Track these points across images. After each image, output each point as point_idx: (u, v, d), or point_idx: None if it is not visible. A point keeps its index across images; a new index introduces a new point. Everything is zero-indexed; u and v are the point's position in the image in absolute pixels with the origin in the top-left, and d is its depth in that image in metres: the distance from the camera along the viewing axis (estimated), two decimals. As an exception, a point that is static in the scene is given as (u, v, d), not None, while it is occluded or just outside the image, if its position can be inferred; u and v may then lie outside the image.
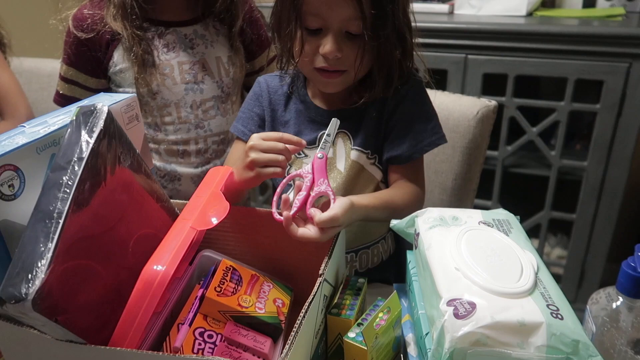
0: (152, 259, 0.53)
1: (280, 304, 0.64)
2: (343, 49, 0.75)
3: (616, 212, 1.54)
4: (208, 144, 1.11)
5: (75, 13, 1.02)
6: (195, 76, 1.06)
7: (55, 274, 0.45)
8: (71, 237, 0.47)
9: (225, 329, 0.60)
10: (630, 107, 1.42)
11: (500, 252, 0.54)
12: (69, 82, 1.06)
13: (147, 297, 0.51)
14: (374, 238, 0.90)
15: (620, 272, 0.55)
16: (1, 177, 0.48)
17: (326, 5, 0.73)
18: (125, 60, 1.02)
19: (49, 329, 0.47)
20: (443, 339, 0.46)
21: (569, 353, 0.44)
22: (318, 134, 0.85)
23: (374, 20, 0.73)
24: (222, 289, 0.62)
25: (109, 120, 0.53)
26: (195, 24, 1.06)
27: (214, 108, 1.09)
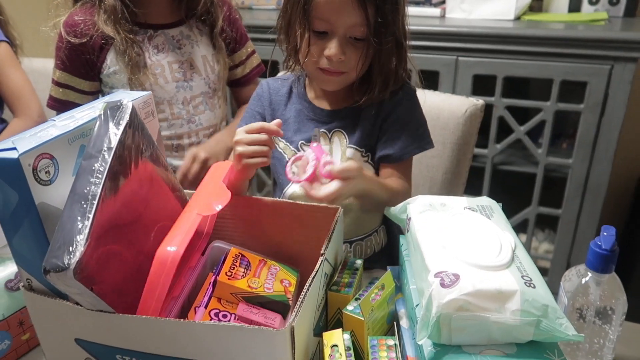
0: (165, 241, 0.58)
1: (287, 284, 0.70)
2: (346, 53, 0.82)
3: (599, 207, 1.61)
4: (199, 138, 1.19)
5: (67, 19, 1.07)
6: (184, 74, 1.13)
7: (91, 248, 0.51)
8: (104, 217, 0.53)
9: (238, 309, 0.66)
10: (612, 107, 1.50)
11: (482, 233, 0.61)
12: (63, 86, 1.11)
13: (163, 274, 0.56)
14: (367, 231, 0.96)
15: (589, 251, 0.61)
16: (39, 164, 0.54)
17: (334, 11, 0.79)
18: (118, 63, 1.08)
19: (83, 298, 0.53)
20: (431, 305, 0.52)
21: (540, 316, 0.51)
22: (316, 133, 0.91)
23: (377, 28, 0.80)
24: (232, 273, 0.68)
25: (134, 115, 0.59)
26: (180, 26, 1.14)
27: (202, 103, 1.17)
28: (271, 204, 0.79)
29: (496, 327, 0.52)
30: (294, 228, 0.77)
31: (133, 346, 0.57)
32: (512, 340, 0.53)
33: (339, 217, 0.72)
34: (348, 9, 0.78)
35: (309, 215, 0.76)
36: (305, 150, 0.91)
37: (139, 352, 0.57)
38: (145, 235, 0.63)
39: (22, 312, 0.71)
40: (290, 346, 0.52)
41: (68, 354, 0.62)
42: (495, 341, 0.53)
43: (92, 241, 0.51)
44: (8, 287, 0.70)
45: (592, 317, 0.63)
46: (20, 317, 0.71)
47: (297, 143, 0.94)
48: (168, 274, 0.56)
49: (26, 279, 0.59)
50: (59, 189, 0.57)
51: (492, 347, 0.53)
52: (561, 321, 0.51)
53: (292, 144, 0.94)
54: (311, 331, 0.60)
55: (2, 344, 0.69)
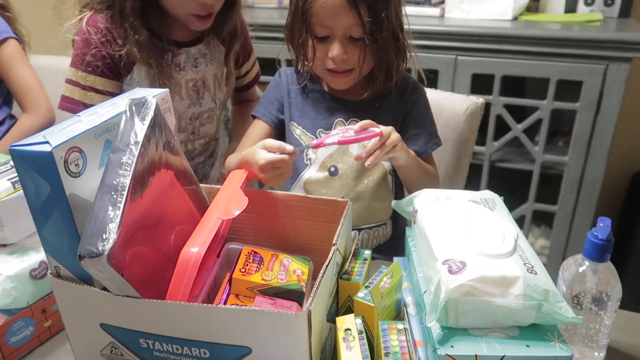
0: (188, 243, 0.62)
1: (300, 273, 0.73)
2: (348, 52, 0.88)
3: (594, 203, 1.65)
4: (195, 146, 1.21)
5: (90, 23, 1.03)
6: (197, 92, 1.14)
7: (122, 237, 0.54)
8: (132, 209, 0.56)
9: (255, 302, 0.69)
10: (607, 106, 1.54)
11: (485, 224, 0.64)
12: (87, 88, 1.07)
13: (187, 273, 0.60)
14: (377, 221, 1.00)
15: (586, 241, 0.65)
16: (70, 157, 0.57)
17: (331, 16, 0.85)
18: (144, 80, 1.08)
19: (113, 283, 0.56)
20: (439, 290, 0.56)
21: (541, 300, 0.54)
22: (334, 120, 0.97)
23: (371, 25, 0.85)
24: (246, 269, 0.72)
25: (157, 111, 0.63)
26: (199, 44, 1.14)
27: (207, 118, 1.19)
28: (283, 198, 0.82)
29: (500, 310, 0.55)
30: (305, 221, 0.81)
31: (157, 330, 0.61)
32: (515, 324, 0.56)
33: (348, 209, 0.75)
34: (342, 12, 0.84)
35: (319, 208, 0.79)
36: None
37: (162, 336, 0.61)
38: (165, 232, 0.66)
39: (45, 300, 0.74)
40: (307, 329, 0.56)
41: (93, 339, 0.65)
42: (499, 324, 0.56)
43: (122, 229, 0.54)
44: (32, 275, 0.73)
45: (589, 304, 0.66)
46: (44, 304, 0.74)
47: (315, 131, 0.99)
48: (191, 273, 0.60)
49: (54, 266, 0.62)
50: (87, 181, 0.60)
51: (496, 330, 0.56)
52: (561, 305, 0.54)
53: (309, 131, 0.99)
54: (324, 316, 0.64)
55: (27, 330, 0.72)
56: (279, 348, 0.58)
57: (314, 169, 0.99)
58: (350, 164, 0.97)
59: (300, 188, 1.01)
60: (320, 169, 0.98)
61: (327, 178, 0.98)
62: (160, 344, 0.62)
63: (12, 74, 1.36)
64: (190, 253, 0.60)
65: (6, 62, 1.36)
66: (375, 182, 0.98)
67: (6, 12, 1.42)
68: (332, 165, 0.98)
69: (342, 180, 0.98)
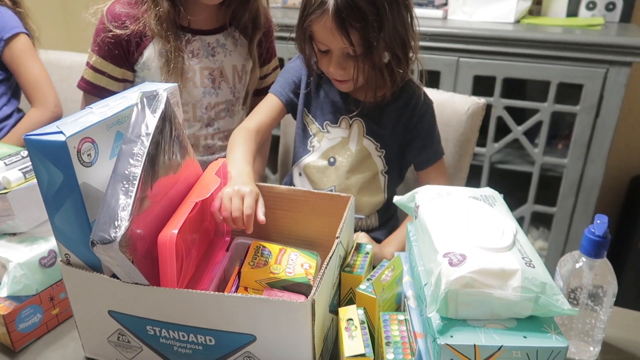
0: (164, 229, 0.62)
1: (308, 267, 0.75)
2: (346, 67, 0.93)
3: (593, 206, 1.67)
4: (214, 141, 1.22)
5: (110, 9, 1.09)
6: (213, 81, 1.16)
7: (133, 224, 0.56)
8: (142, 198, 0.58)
9: (263, 294, 0.71)
10: (606, 109, 1.55)
11: (485, 218, 0.66)
12: (97, 71, 1.13)
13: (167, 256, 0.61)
14: (361, 214, 1.06)
15: (583, 237, 0.67)
16: (83, 147, 0.59)
17: (326, 38, 0.90)
18: (155, 59, 1.11)
19: (123, 270, 0.58)
20: (440, 282, 0.57)
21: (538, 292, 0.56)
22: (340, 117, 1.02)
23: (363, 49, 0.89)
24: (255, 263, 0.74)
25: (167, 104, 0.64)
26: (218, 34, 1.16)
27: (224, 110, 1.21)
28: (287, 193, 0.84)
29: (499, 302, 0.57)
30: (308, 215, 0.83)
31: (164, 317, 0.62)
32: (513, 315, 0.58)
33: (351, 205, 0.77)
34: (335, 35, 0.88)
35: (322, 203, 0.81)
36: (330, 131, 1.00)
37: (169, 323, 0.62)
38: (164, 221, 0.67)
39: (53, 288, 0.76)
40: (310, 318, 0.58)
41: (101, 326, 0.67)
42: (497, 316, 0.58)
43: (133, 218, 0.55)
44: (42, 263, 0.75)
45: (585, 299, 0.68)
46: (52, 292, 0.76)
47: (322, 122, 1.04)
48: (171, 254, 0.61)
49: (65, 254, 0.64)
50: (98, 171, 0.62)
51: (494, 321, 0.58)
52: (557, 297, 0.56)
53: (317, 121, 1.04)
54: (327, 307, 0.66)
55: (35, 317, 0.74)
56: (282, 336, 0.60)
57: (315, 156, 1.04)
58: (347, 158, 1.02)
59: (300, 168, 1.07)
60: (321, 157, 1.04)
61: (325, 167, 1.03)
62: (167, 331, 0.63)
63: (22, 68, 1.38)
64: (164, 235, 0.61)
65: (17, 56, 1.38)
66: (366, 178, 1.03)
67: (18, 8, 1.44)
68: (332, 156, 1.03)
69: (337, 171, 1.03)
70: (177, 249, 0.61)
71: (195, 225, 0.71)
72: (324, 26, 0.88)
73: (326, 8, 0.87)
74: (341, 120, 1.02)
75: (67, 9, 1.40)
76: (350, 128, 1.02)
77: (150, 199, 0.61)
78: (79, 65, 1.58)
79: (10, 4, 1.40)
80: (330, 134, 1.03)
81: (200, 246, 0.75)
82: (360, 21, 0.86)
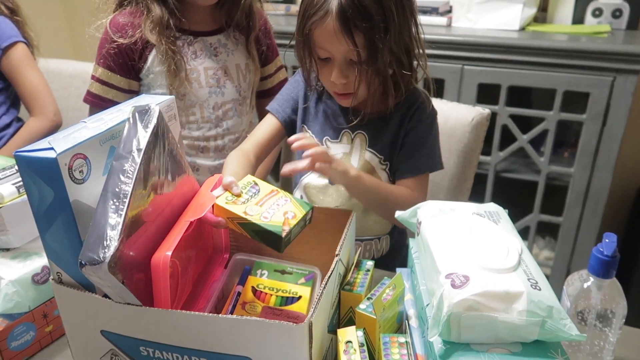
0: (158, 250, 0.60)
1: (291, 216, 0.66)
2: (348, 75, 0.88)
3: (600, 215, 1.64)
4: (225, 142, 1.23)
5: (112, 21, 1.11)
6: (218, 80, 1.17)
7: (123, 244, 0.54)
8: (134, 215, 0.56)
9: (261, 314, 0.69)
10: (613, 118, 1.53)
11: (490, 237, 0.64)
12: (104, 83, 1.14)
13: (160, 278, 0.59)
14: (370, 234, 1.00)
15: (591, 257, 0.65)
16: (75, 164, 0.57)
17: (329, 42, 0.86)
18: (158, 65, 1.12)
19: (114, 290, 0.56)
20: (442, 304, 0.55)
21: (545, 316, 0.54)
22: (341, 131, 0.98)
23: (367, 53, 0.85)
24: (234, 199, 0.67)
25: (160, 119, 0.63)
26: (219, 34, 1.18)
27: (232, 110, 1.21)
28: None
29: (503, 326, 0.55)
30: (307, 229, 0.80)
31: (157, 339, 0.60)
32: (518, 339, 0.56)
33: (352, 221, 0.75)
34: (338, 38, 0.84)
35: (323, 218, 0.79)
36: (330, 147, 0.96)
37: (163, 345, 0.60)
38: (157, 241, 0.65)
39: (46, 305, 0.74)
40: (308, 340, 0.56)
41: (93, 345, 0.65)
42: (502, 340, 0.56)
43: (124, 237, 0.54)
44: (35, 280, 0.73)
45: (593, 320, 0.66)
46: (45, 309, 0.74)
47: (322, 137, 0.99)
48: (164, 276, 0.59)
49: (56, 272, 0.62)
50: (91, 188, 0.60)
51: (499, 346, 0.56)
52: (565, 322, 0.54)
53: (317, 137, 1.00)
54: (326, 327, 0.64)
55: (27, 335, 0.72)
56: (279, 359, 0.58)
57: (315, 175, 0.99)
58: None
59: (301, 190, 1.03)
60: (321, 175, 0.98)
61: (326, 185, 0.99)
62: (161, 352, 0.61)
63: (21, 77, 1.37)
64: (157, 257, 0.59)
65: (15, 65, 1.37)
66: None
67: (15, 16, 1.43)
68: None
69: (339, 189, 0.98)
70: (171, 270, 0.59)
71: (191, 244, 0.69)
72: (326, 29, 0.84)
73: (329, 9, 0.83)
74: (342, 135, 0.98)
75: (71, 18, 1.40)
76: (352, 142, 0.98)
77: (144, 218, 0.59)
78: (80, 74, 1.58)
79: (7, 12, 1.40)
80: (331, 149, 0.98)
81: (197, 264, 0.73)
82: (365, 21, 0.82)
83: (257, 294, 0.74)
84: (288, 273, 0.80)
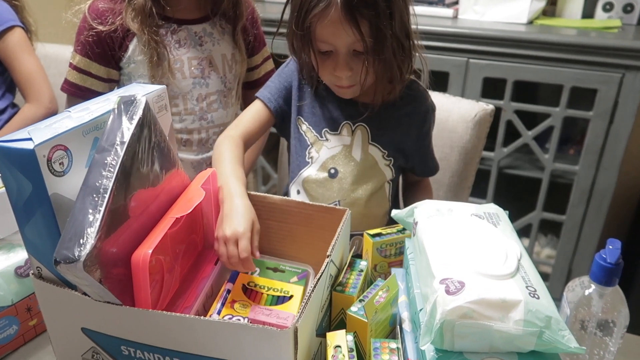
0: (139, 247, 0.59)
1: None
2: (353, 67, 0.85)
3: (604, 215, 1.61)
4: (209, 135, 1.18)
5: (91, 6, 1.06)
6: (202, 71, 1.13)
7: (101, 241, 0.51)
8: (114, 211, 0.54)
9: (250, 313, 0.66)
10: (621, 116, 1.49)
11: (488, 241, 0.61)
12: (82, 72, 1.10)
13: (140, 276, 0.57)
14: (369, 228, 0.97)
15: (593, 263, 0.62)
16: (54, 156, 0.55)
17: (332, 35, 0.82)
18: (139, 54, 1.08)
19: (92, 289, 0.54)
20: (435, 311, 0.53)
21: (542, 327, 0.51)
22: (341, 123, 0.94)
23: (373, 41, 0.81)
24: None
25: (147, 110, 0.60)
26: (204, 23, 1.13)
27: (217, 101, 1.17)
28: (280, 203, 0.79)
29: (499, 335, 0.52)
30: (301, 227, 0.78)
31: (137, 338, 0.58)
32: (514, 349, 0.53)
33: (347, 218, 0.73)
34: (342, 29, 0.80)
35: (317, 215, 0.76)
36: (330, 139, 0.92)
37: (143, 345, 0.58)
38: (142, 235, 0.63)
39: (30, 299, 0.72)
40: (293, 346, 0.53)
41: (74, 342, 0.63)
42: (497, 349, 0.53)
43: (102, 234, 0.51)
44: (18, 273, 0.71)
45: (594, 329, 0.63)
46: (29, 303, 0.72)
47: (320, 130, 0.95)
48: (144, 275, 0.57)
49: (36, 267, 0.60)
50: (72, 181, 0.57)
51: (494, 355, 0.53)
52: (563, 333, 0.51)
53: (314, 129, 0.96)
54: (314, 331, 0.61)
55: (10, 329, 0.71)
56: (264, 363, 0.55)
57: (314, 168, 0.96)
58: (351, 168, 0.94)
59: (299, 184, 0.98)
60: (320, 169, 0.95)
61: (326, 179, 0.95)
62: (142, 352, 0.59)
63: (17, 63, 1.35)
64: (137, 255, 0.57)
65: (11, 50, 1.35)
66: (373, 189, 0.95)
67: (14, 1, 1.40)
68: (332, 167, 0.95)
69: (340, 183, 0.95)
70: (154, 268, 0.56)
71: (179, 240, 0.66)
72: (331, 21, 0.80)
73: (332, 0, 0.79)
74: (342, 127, 0.95)
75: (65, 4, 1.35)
76: (353, 135, 0.94)
77: (129, 212, 0.57)
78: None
79: (6, -4, 1.37)
80: (330, 142, 0.95)
81: (186, 260, 0.71)
82: (371, 9, 0.79)
83: (247, 292, 0.71)
84: (280, 271, 0.78)
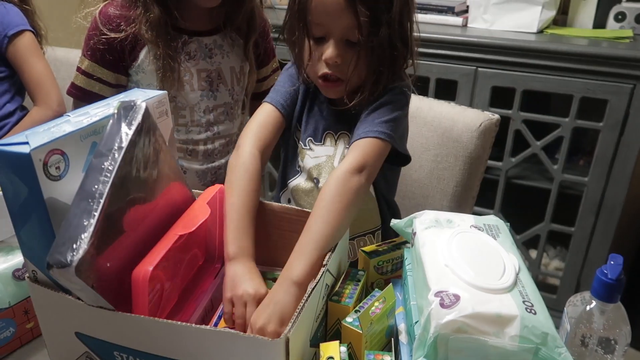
0: (141, 262, 0.58)
1: None
2: (343, 56, 0.82)
3: (613, 227, 1.59)
4: (215, 146, 1.18)
5: (102, 11, 1.05)
6: (211, 84, 1.12)
7: (94, 247, 0.51)
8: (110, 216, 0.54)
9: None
10: (632, 127, 1.47)
11: (486, 253, 0.60)
12: (90, 76, 1.09)
13: (139, 292, 0.57)
14: (360, 231, 0.94)
15: (595, 279, 0.61)
16: (50, 160, 0.55)
17: (328, 15, 0.80)
18: (150, 64, 1.07)
19: (85, 294, 0.54)
20: (429, 325, 0.52)
21: (539, 343, 0.50)
22: (325, 132, 0.92)
23: (369, 28, 0.79)
24: None
25: (146, 115, 0.60)
26: (215, 35, 1.12)
27: (224, 113, 1.16)
28: (278, 210, 0.79)
29: (494, 351, 0.51)
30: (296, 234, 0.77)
31: (131, 344, 0.58)
32: (509, 365, 0.52)
33: (345, 226, 0.72)
34: (339, 11, 0.79)
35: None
36: (313, 149, 0.91)
37: (136, 351, 0.58)
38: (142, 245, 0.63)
39: (27, 301, 0.73)
40: (284, 356, 0.53)
41: (68, 347, 0.63)
42: (492, 365, 0.52)
43: (95, 239, 0.51)
44: (16, 275, 0.71)
45: (595, 346, 0.62)
46: (26, 305, 0.72)
47: (305, 139, 0.94)
48: (143, 291, 0.57)
49: (32, 270, 0.60)
50: (69, 185, 0.57)
51: (488, 371, 0.52)
52: (560, 350, 0.50)
53: (303, 136, 0.94)
54: (308, 341, 0.61)
55: (7, 331, 0.71)
56: (255, 373, 0.55)
57: (303, 178, 0.94)
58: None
59: (288, 193, 0.97)
60: (307, 179, 0.94)
61: (312, 188, 0.93)
62: (135, 358, 0.59)
63: (26, 66, 1.36)
64: (138, 271, 0.57)
65: (21, 54, 1.36)
66: None
67: (25, 5, 1.42)
68: (315, 176, 0.92)
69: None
70: (154, 283, 0.56)
71: (180, 256, 0.66)
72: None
73: None
74: (325, 137, 0.92)
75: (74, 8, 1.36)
76: (336, 144, 0.92)
77: (125, 227, 0.57)
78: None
79: (17, 0, 1.38)
80: (314, 151, 0.92)
81: (186, 273, 0.71)
82: None
83: None
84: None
